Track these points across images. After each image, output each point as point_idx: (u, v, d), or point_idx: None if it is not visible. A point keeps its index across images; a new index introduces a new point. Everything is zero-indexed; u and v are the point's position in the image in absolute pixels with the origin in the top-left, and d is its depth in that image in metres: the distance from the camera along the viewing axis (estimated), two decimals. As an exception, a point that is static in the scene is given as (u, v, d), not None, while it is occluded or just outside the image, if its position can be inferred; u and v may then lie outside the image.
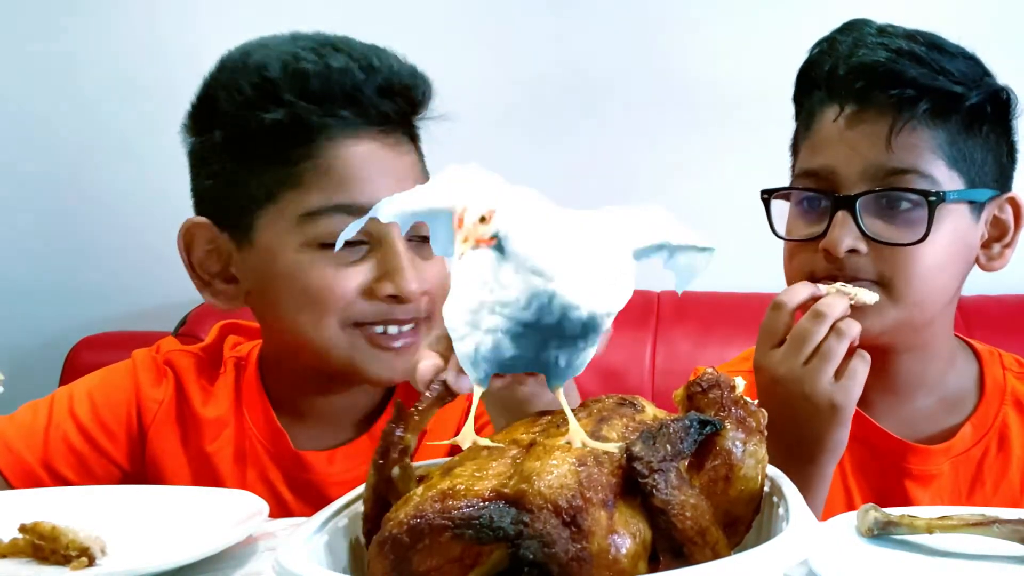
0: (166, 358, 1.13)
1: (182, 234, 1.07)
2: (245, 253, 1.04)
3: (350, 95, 1.01)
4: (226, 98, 1.02)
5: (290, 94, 0.99)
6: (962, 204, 1.01)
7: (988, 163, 1.03)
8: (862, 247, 0.99)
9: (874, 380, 1.05)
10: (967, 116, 1.00)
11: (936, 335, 1.08)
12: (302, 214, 1.00)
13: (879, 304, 0.98)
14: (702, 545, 0.56)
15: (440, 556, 0.54)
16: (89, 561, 0.76)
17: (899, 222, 0.99)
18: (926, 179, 0.99)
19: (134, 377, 1.12)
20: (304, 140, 1.00)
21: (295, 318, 1.02)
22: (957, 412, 1.09)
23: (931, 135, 0.99)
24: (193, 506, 0.90)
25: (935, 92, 0.99)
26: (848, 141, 1.01)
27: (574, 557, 0.53)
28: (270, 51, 1.03)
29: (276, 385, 1.12)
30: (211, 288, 1.08)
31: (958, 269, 1.04)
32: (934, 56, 1.00)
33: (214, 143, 1.04)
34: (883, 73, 1.00)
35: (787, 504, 0.62)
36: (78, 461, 1.07)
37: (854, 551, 0.76)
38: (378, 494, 0.63)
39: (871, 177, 1.00)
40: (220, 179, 1.04)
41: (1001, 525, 0.75)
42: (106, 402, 1.10)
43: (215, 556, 0.77)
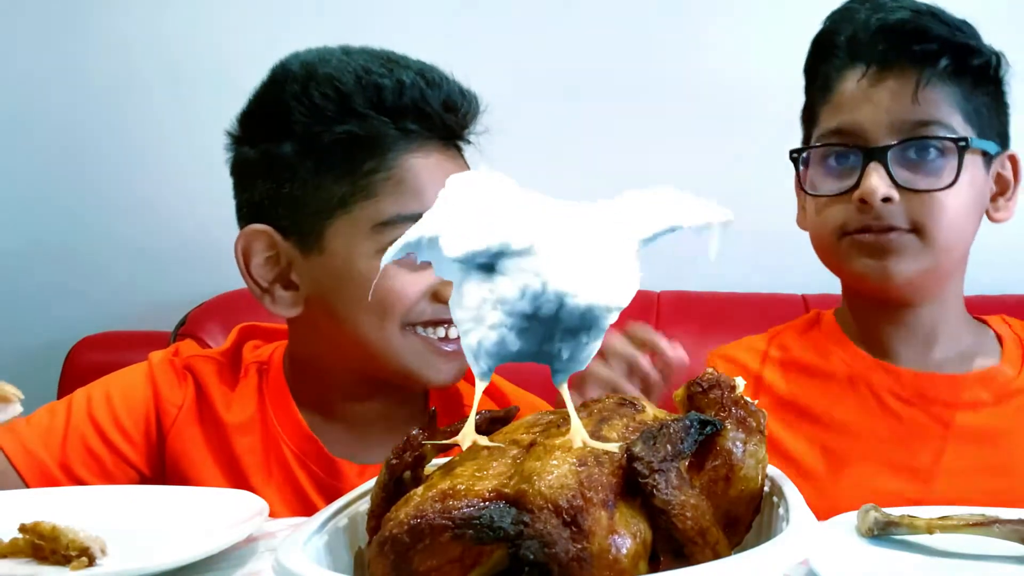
0: (186, 363, 1.13)
1: (240, 241, 1.08)
2: (312, 259, 1.06)
3: (419, 108, 1.05)
4: (299, 109, 1.03)
5: (364, 107, 1.03)
6: (977, 155, 1.09)
7: (993, 120, 1.12)
8: (895, 195, 1.06)
9: (898, 331, 1.16)
10: (976, 74, 1.09)
11: (951, 290, 1.15)
12: (377, 223, 1.03)
13: (914, 248, 1.07)
14: (702, 545, 0.56)
15: (440, 556, 0.54)
16: (89, 561, 0.76)
17: (927, 170, 1.06)
18: (949, 130, 1.07)
19: (152, 380, 1.12)
20: (376, 152, 1.03)
21: (358, 321, 1.04)
22: (979, 362, 1.15)
23: (950, 90, 1.08)
24: (193, 506, 0.90)
25: (956, 47, 1.07)
26: (873, 99, 1.08)
27: (574, 557, 0.53)
28: (337, 64, 1.05)
29: (306, 388, 1.12)
30: (271, 295, 1.09)
31: (976, 217, 1.12)
32: (947, 17, 1.09)
33: (282, 153, 1.05)
34: (910, 30, 1.08)
35: (787, 504, 0.62)
36: (96, 463, 1.07)
37: (854, 551, 0.76)
38: (387, 493, 0.64)
39: (898, 130, 1.07)
40: (288, 188, 1.05)
41: (1001, 525, 0.75)
42: (124, 404, 1.10)
43: (215, 556, 0.77)
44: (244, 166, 1.10)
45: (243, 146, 1.09)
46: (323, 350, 1.10)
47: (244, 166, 1.10)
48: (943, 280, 1.13)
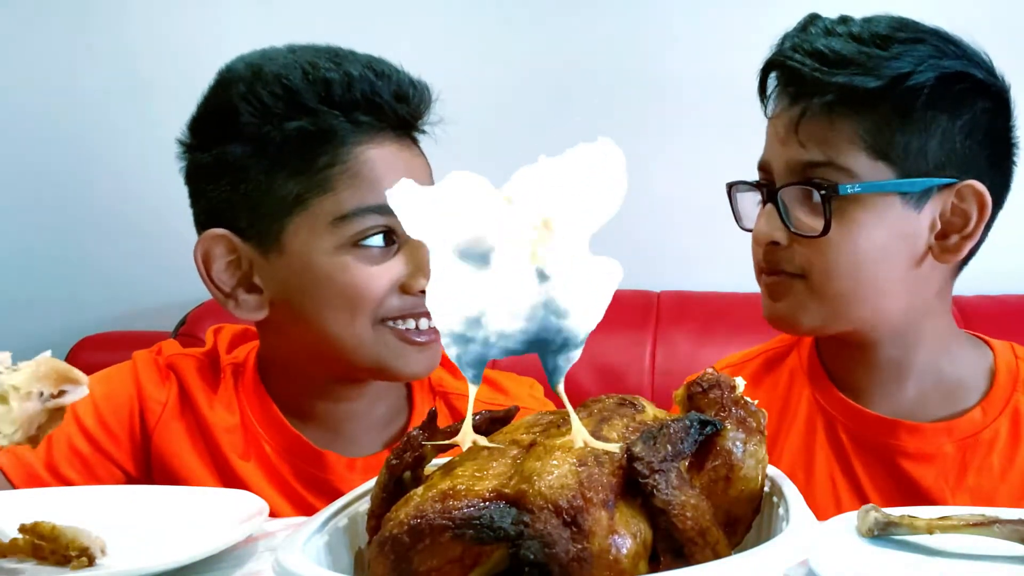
0: (168, 361, 1.13)
1: (199, 247, 1.07)
2: (273, 260, 1.05)
3: (370, 100, 1.04)
4: (247, 110, 1.03)
5: (314, 102, 1.02)
6: (889, 195, 1.00)
7: (930, 151, 1.00)
8: (781, 238, 1.02)
9: (862, 368, 1.09)
10: (900, 104, 0.99)
11: (915, 324, 1.07)
12: (336, 217, 1.02)
13: (801, 294, 1.02)
14: (702, 545, 0.56)
15: (440, 556, 0.54)
16: (89, 561, 0.76)
17: (817, 214, 1.00)
18: (842, 171, 0.99)
19: (135, 378, 1.12)
20: (330, 146, 1.03)
21: (327, 319, 1.04)
22: (962, 399, 1.08)
23: (848, 126, 0.99)
24: (193, 506, 0.90)
25: (836, 87, 0.98)
26: (776, 135, 1.05)
27: (575, 557, 0.53)
28: (283, 62, 1.05)
29: (280, 390, 1.12)
30: (234, 299, 1.08)
31: (896, 261, 1.02)
32: (862, 50, 0.99)
33: (234, 155, 1.04)
34: (786, 72, 1.03)
35: (787, 504, 0.62)
36: (83, 465, 1.07)
37: (854, 551, 0.76)
38: (387, 493, 0.64)
39: (791, 170, 1.02)
40: (242, 189, 1.04)
41: (1001, 525, 0.75)
42: (108, 404, 1.09)
43: (215, 556, 0.77)
44: (198, 172, 1.08)
45: (195, 152, 1.09)
46: (293, 350, 1.10)
47: (198, 172, 1.08)
48: (876, 323, 1.05)
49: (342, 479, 1.09)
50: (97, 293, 2.07)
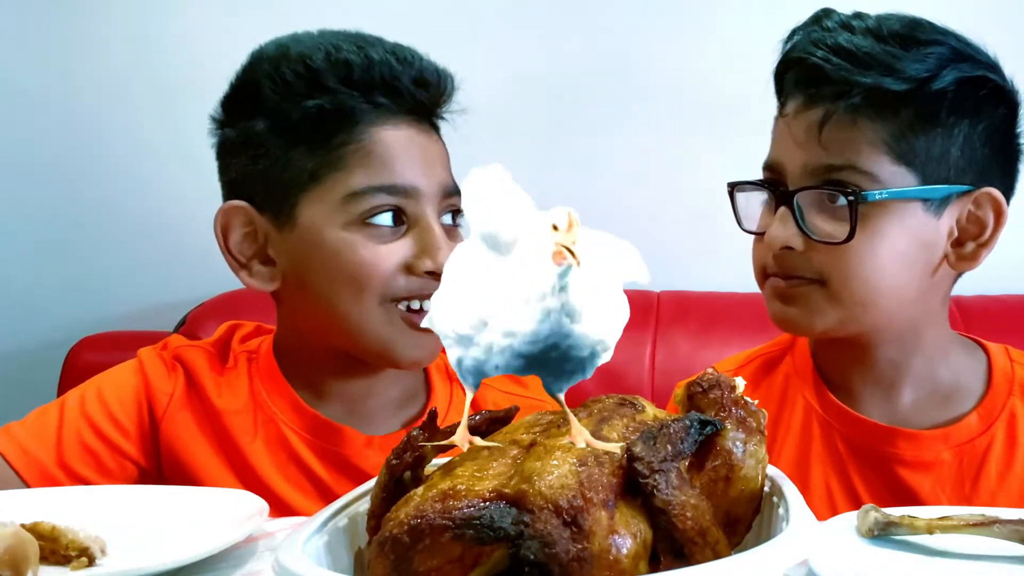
0: (175, 353, 1.15)
1: (219, 217, 1.10)
2: (286, 234, 1.08)
3: (389, 84, 1.07)
4: (270, 87, 1.06)
5: (333, 82, 1.05)
6: (912, 201, 0.98)
7: (951, 157, 0.99)
8: (798, 244, 0.99)
9: (858, 372, 1.08)
10: (924, 108, 0.97)
11: (916, 329, 1.06)
12: (346, 195, 1.04)
13: (819, 299, 0.99)
14: (703, 545, 0.56)
15: (441, 556, 0.54)
16: (89, 561, 0.76)
17: (837, 219, 0.98)
18: (864, 175, 0.97)
19: (142, 372, 1.13)
20: (346, 125, 1.05)
21: (335, 295, 1.06)
22: (958, 404, 1.07)
23: (872, 129, 0.97)
24: (193, 506, 0.90)
25: (864, 88, 0.96)
26: (793, 136, 1.01)
27: (575, 557, 0.53)
28: (310, 43, 1.08)
29: (296, 370, 1.14)
30: (248, 269, 1.11)
31: (916, 269, 1.01)
32: (886, 49, 0.97)
33: (256, 130, 1.07)
34: (807, 69, 1.00)
35: (787, 504, 0.62)
36: (93, 459, 1.08)
37: (854, 551, 0.76)
38: (387, 493, 0.64)
39: (810, 173, 0.99)
40: (261, 164, 1.08)
41: (1001, 525, 0.75)
42: (116, 398, 1.11)
43: (215, 556, 0.77)
44: (224, 146, 1.12)
45: (224, 127, 1.12)
46: (307, 328, 1.12)
47: (224, 146, 1.12)
48: (883, 327, 1.04)
49: (360, 455, 1.10)
50: (97, 293, 2.07)
